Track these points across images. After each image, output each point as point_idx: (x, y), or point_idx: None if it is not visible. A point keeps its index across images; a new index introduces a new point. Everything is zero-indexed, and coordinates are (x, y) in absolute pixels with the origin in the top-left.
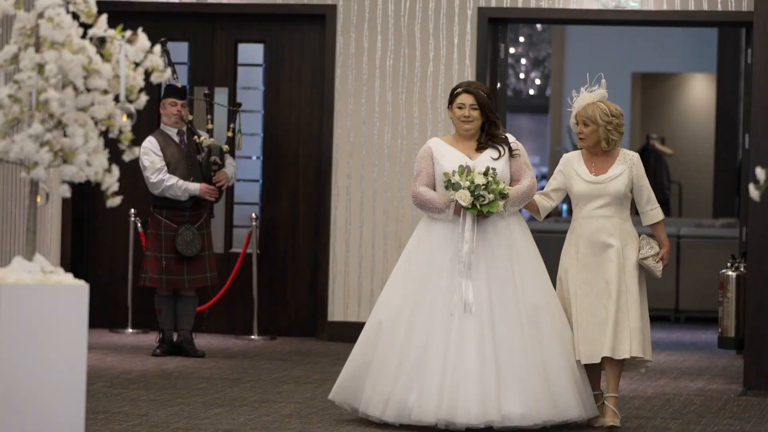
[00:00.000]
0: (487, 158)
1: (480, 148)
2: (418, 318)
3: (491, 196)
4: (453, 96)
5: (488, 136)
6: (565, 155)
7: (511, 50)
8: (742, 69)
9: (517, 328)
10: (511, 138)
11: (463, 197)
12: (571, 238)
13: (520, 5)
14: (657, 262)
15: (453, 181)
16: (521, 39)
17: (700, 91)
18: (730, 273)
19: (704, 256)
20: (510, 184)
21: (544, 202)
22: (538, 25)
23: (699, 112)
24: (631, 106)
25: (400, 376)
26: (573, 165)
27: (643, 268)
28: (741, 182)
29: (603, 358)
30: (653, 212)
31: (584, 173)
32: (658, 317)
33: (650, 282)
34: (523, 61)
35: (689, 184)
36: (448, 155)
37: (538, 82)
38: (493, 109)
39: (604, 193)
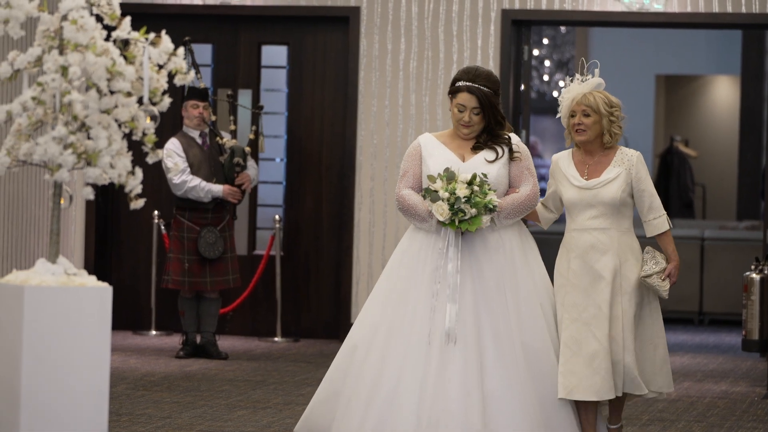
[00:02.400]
0: (480, 161)
1: (476, 148)
2: (394, 343)
3: (473, 210)
4: (454, 89)
5: (489, 136)
6: (554, 156)
7: (535, 52)
8: (766, 71)
9: (509, 361)
10: (515, 139)
11: (441, 211)
12: (563, 253)
13: (543, 7)
14: (663, 279)
15: (432, 189)
16: (545, 41)
17: (724, 93)
18: (754, 275)
19: (728, 258)
20: (507, 192)
21: (545, 213)
22: (562, 27)
23: (723, 114)
24: (655, 108)
25: (370, 411)
26: (562, 167)
27: (646, 288)
28: (765, 184)
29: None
30: (657, 221)
31: (574, 176)
32: (681, 320)
33: (674, 284)
34: (547, 63)
35: (713, 186)
36: (438, 155)
37: (561, 84)
38: (498, 109)
39: (596, 200)
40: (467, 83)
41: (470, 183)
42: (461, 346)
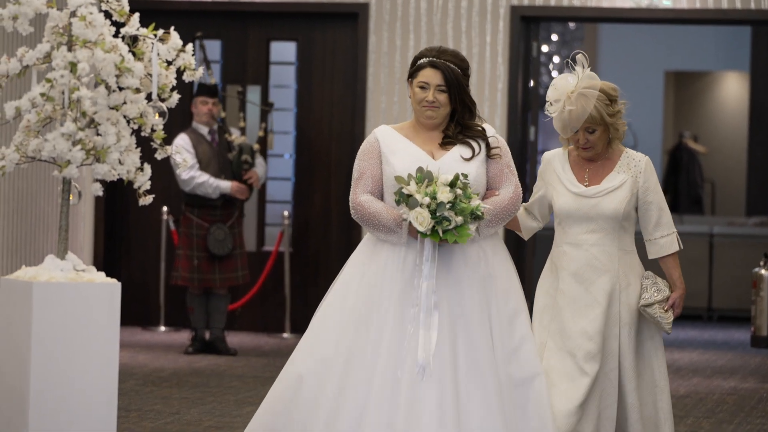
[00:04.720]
0: (455, 158)
1: (446, 143)
2: (353, 377)
3: (459, 218)
4: (414, 68)
5: (459, 127)
6: (546, 154)
7: (544, 48)
8: None
9: (491, 397)
10: (490, 131)
11: (421, 219)
12: (551, 270)
13: (552, 3)
14: (666, 310)
15: (407, 193)
16: (554, 37)
17: (733, 89)
18: (762, 272)
19: (737, 254)
20: (486, 194)
21: (527, 221)
22: (571, 24)
23: (732, 110)
24: (664, 104)
25: None
26: (555, 169)
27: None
28: None
29: None
30: (665, 241)
31: (571, 181)
32: (690, 316)
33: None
34: (556, 59)
35: (722, 183)
36: (402, 151)
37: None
38: (467, 91)
39: (595, 212)
40: (430, 58)
41: (452, 185)
42: (436, 379)
